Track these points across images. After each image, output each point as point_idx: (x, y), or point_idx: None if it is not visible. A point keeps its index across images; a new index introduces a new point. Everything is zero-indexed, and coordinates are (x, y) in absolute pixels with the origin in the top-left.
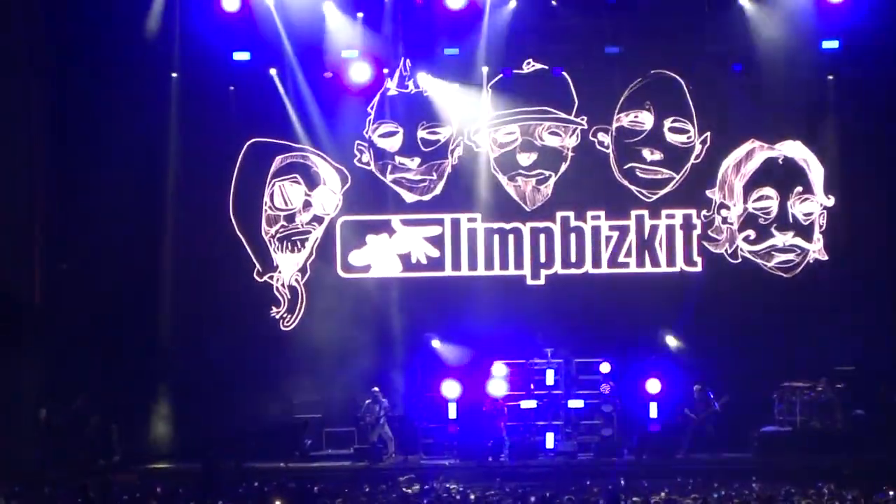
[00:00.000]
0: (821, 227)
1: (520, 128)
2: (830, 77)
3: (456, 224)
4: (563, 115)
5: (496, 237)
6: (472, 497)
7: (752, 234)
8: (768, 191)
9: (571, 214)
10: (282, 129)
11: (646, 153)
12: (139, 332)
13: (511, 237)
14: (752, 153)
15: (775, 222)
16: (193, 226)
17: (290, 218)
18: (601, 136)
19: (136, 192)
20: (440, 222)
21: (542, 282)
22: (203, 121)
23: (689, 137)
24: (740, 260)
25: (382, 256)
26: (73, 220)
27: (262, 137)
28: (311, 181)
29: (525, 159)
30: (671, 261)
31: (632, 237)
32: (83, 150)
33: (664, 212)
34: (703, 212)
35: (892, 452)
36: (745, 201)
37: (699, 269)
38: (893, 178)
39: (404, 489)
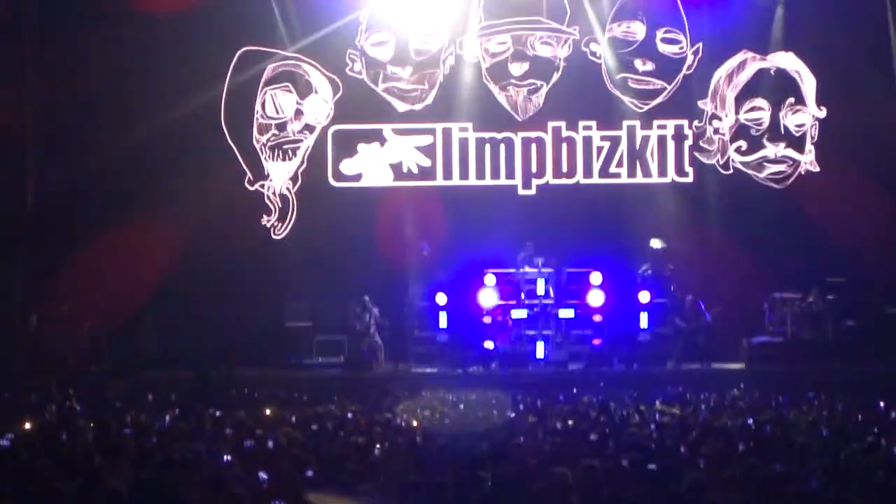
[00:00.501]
0: (813, 138)
1: (512, 37)
2: None
3: (447, 133)
4: (556, 25)
5: (487, 147)
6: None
7: (743, 144)
8: (760, 102)
9: (563, 124)
10: (273, 38)
11: (638, 63)
12: (130, 240)
13: (502, 147)
14: (745, 64)
15: (767, 133)
16: (184, 134)
17: (282, 126)
18: (593, 46)
19: (127, 100)
20: (432, 132)
21: (533, 191)
22: (194, 28)
23: (681, 48)
24: (732, 171)
25: (374, 165)
26: (65, 128)
27: (254, 46)
28: (303, 90)
29: (517, 69)
30: (663, 171)
31: (623, 147)
32: (73, 60)
33: (656, 122)
34: (695, 122)
35: (883, 363)
36: (737, 112)
37: (690, 179)
38: (886, 89)
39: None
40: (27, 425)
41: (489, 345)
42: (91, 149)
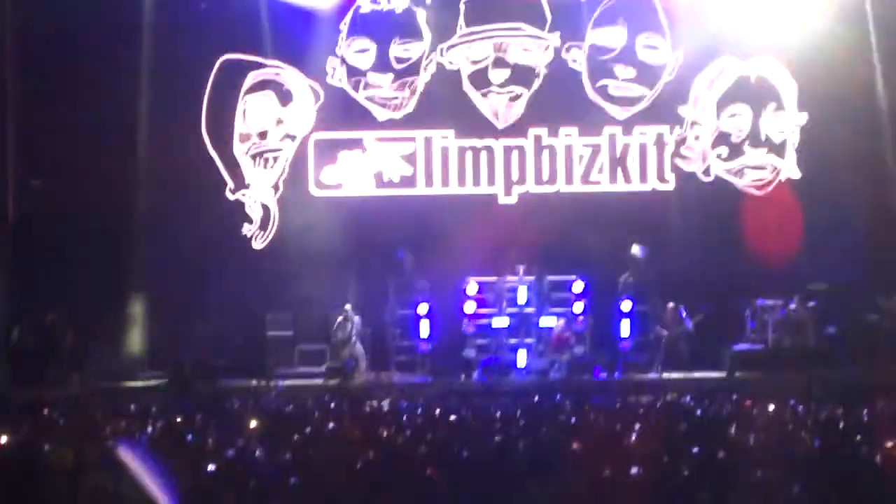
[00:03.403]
0: (794, 144)
1: (492, 45)
2: None
3: (428, 141)
4: (536, 32)
5: (469, 154)
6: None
7: (724, 151)
8: (741, 108)
9: (544, 132)
10: (254, 46)
11: (618, 70)
12: (112, 250)
13: (483, 154)
14: (725, 70)
15: (748, 139)
16: (166, 144)
17: (263, 135)
18: (574, 52)
19: (108, 109)
20: (413, 139)
21: (514, 199)
22: (175, 38)
23: (661, 54)
24: (713, 177)
25: (355, 174)
26: (46, 137)
27: (234, 54)
28: (284, 98)
29: (497, 76)
30: (643, 178)
31: (604, 155)
32: (54, 67)
33: (637, 129)
34: (676, 129)
35: (864, 370)
36: (718, 118)
37: (672, 186)
38: (866, 96)
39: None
40: (3, 439)
41: (470, 353)
42: (71, 159)
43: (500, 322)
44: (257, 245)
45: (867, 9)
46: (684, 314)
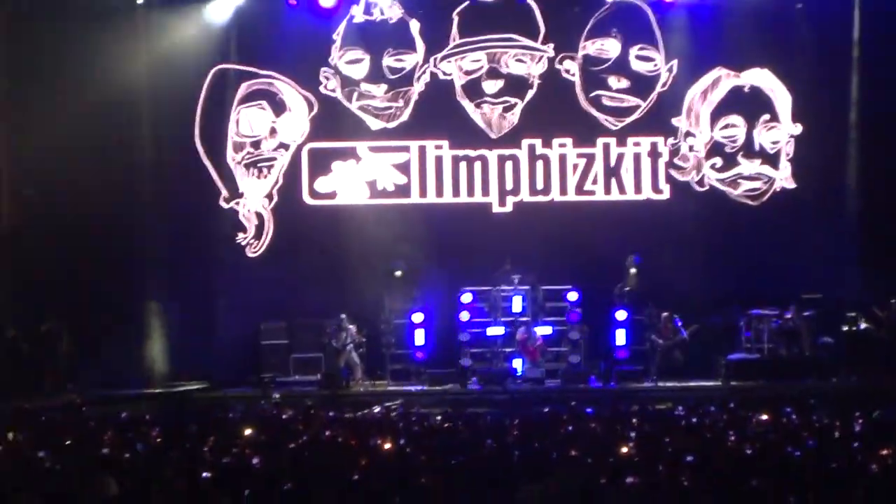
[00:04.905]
0: (788, 155)
1: (486, 55)
2: (799, 6)
3: (422, 151)
4: (530, 43)
5: (463, 164)
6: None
7: (718, 161)
8: (735, 119)
9: (538, 142)
10: (248, 56)
11: (612, 81)
12: (106, 258)
13: (478, 164)
14: (719, 81)
15: (742, 150)
16: (160, 152)
17: (256, 144)
18: (567, 63)
19: (102, 118)
20: (407, 149)
21: (508, 209)
22: (169, 48)
23: (655, 65)
24: (707, 188)
25: (349, 183)
26: (39, 145)
27: (227, 64)
28: (277, 108)
29: (491, 87)
30: (638, 188)
31: (598, 164)
32: (47, 77)
33: (631, 139)
34: (670, 139)
35: (859, 379)
36: (712, 129)
37: (666, 196)
38: (861, 106)
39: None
40: None
41: (466, 362)
42: (67, 167)
43: (495, 331)
44: (251, 254)
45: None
46: (679, 323)
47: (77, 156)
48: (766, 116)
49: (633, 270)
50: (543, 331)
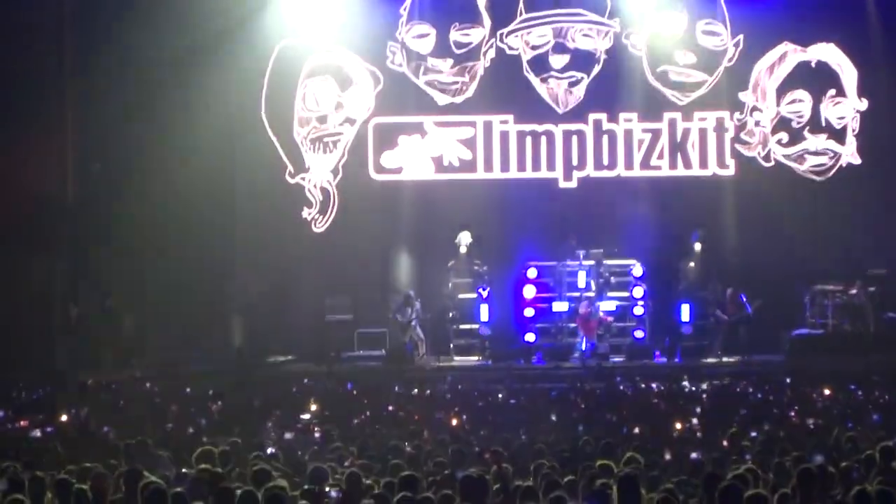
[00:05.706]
0: (854, 130)
1: (552, 30)
2: None
3: (488, 126)
4: (596, 18)
5: (528, 139)
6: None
7: (784, 136)
8: (801, 94)
9: (604, 117)
10: (314, 31)
11: (679, 56)
12: (170, 234)
13: (543, 139)
14: (785, 56)
15: (808, 125)
16: (225, 128)
17: (322, 119)
18: (634, 38)
19: (166, 93)
20: (472, 124)
21: (574, 184)
22: (235, 23)
23: (721, 40)
24: (773, 163)
25: (415, 158)
26: (105, 122)
27: (294, 39)
28: (344, 82)
29: (557, 61)
30: (703, 163)
31: (664, 140)
32: (115, 55)
33: (696, 114)
34: (736, 114)
35: None
36: (778, 104)
37: (732, 171)
38: None
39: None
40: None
41: (531, 337)
42: (131, 146)
43: (560, 306)
44: (317, 229)
45: None
46: (744, 299)
47: (140, 131)
48: (833, 91)
49: (697, 246)
50: (607, 306)
